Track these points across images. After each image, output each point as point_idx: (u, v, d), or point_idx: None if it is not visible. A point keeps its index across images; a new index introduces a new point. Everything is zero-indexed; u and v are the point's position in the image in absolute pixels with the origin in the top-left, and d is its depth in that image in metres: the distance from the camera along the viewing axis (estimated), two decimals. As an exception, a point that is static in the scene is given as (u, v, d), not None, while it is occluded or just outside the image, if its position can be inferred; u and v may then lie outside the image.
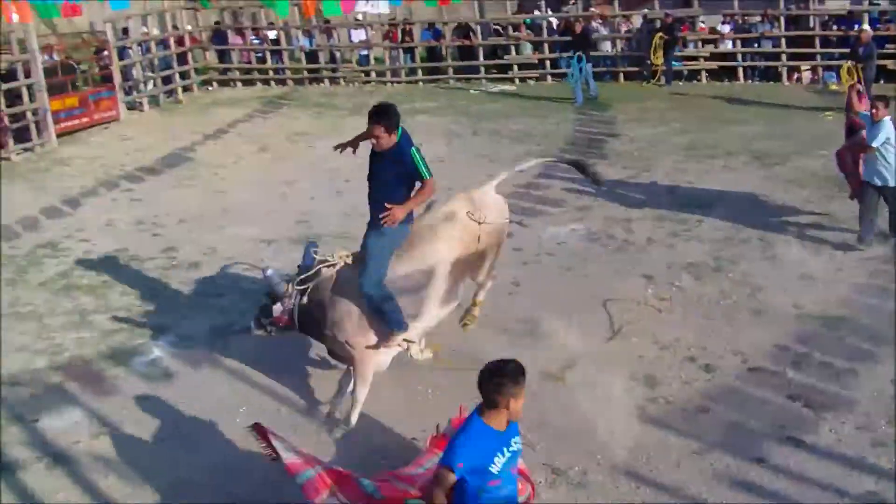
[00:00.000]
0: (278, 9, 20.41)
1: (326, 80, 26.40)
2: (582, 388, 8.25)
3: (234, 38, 27.30)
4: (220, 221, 14.02)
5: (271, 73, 27.01)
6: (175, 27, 26.13)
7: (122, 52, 23.69)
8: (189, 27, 26.59)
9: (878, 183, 11.21)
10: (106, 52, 23.32)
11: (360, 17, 25.82)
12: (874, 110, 11.13)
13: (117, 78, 22.95)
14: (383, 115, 7.72)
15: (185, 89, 25.85)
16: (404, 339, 7.89)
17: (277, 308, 7.85)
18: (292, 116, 22.18)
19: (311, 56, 26.78)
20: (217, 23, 27.75)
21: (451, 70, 25.77)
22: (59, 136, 20.49)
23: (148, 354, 9.64)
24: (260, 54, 27.24)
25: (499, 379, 4.82)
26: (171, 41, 25.69)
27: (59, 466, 7.55)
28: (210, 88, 27.04)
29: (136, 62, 24.16)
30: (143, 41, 24.82)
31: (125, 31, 24.84)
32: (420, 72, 26.00)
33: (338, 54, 26.70)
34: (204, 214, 14.44)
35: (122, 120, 22.67)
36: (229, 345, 9.67)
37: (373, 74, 26.38)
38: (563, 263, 11.46)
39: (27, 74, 19.97)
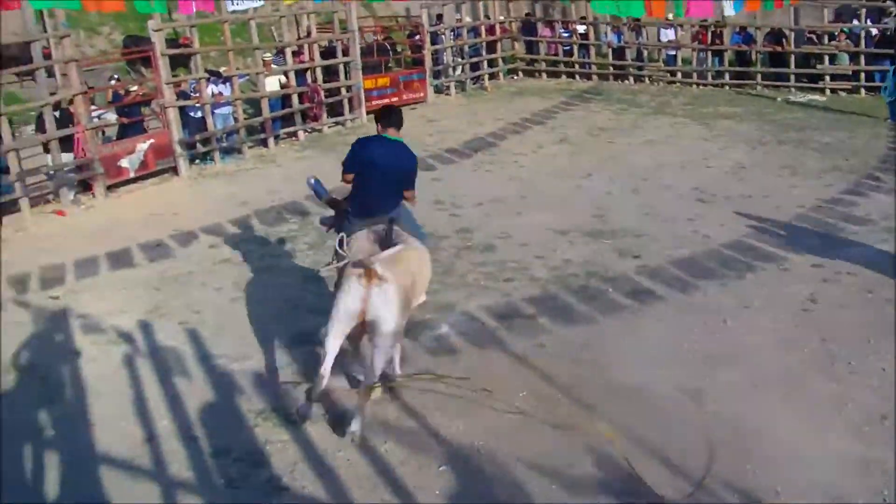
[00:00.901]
0: (633, 9, 19.90)
1: (631, 78, 26.13)
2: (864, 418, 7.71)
3: (543, 30, 27.48)
4: (517, 207, 14.13)
5: (577, 66, 27.01)
6: (487, 16, 26.60)
7: (435, 38, 24.31)
8: (501, 17, 27.00)
9: None
10: (419, 37, 24.02)
11: (671, 16, 25.28)
12: None
13: (428, 62, 23.63)
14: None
15: (491, 77, 26.34)
16: None
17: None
18: (594, 111, 22.10)
19: (618, 52, 26.57)
20: (528, 14, 28.01)
21: (759, 76, 24.84)
22: (368, 112, 21.32)
23: (436, 330, 9.79)
24: (567, 47, 27.27)
25: None
26: (483, 29, 26.20)
27: (343, 426, 7.79)
28: (515, 78, 27.41)
29: (447, 48, 24.77)
30: (455, 28, 25.38)
31: (440, 17, 25.49)
32: (727, 76, 25.22)
33: (645, 52, 26.37)
34: (501, 199, 14.59)
35: (428, 102, 23.37)
36: (514, 328, 9.71)
37: (678, 75, 25.85)
38: (865, 285, 10.73)
39: (345, 52, 20.88)
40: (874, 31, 23.61)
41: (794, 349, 9.02)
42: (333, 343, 7.84)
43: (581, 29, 27.07)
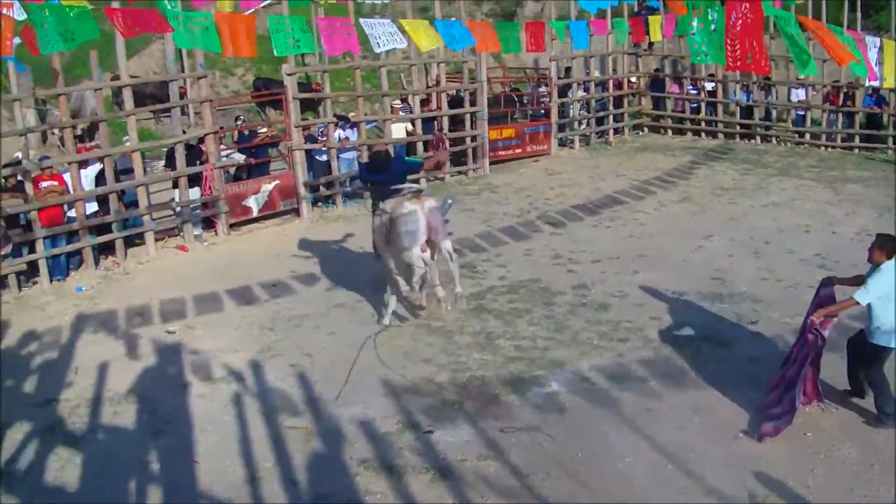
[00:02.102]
0: (809, 67, 18.73)
1: (758, 137, 25.61)
2: None
3: (671, 86, 27.21)
4: (635, 266, 13.92)
5: (703, 124, 26.62)
6: (615, 71, 26.47)
7: (563, 91, 24.28)
8: (629, 72, 26.84)
9: None
10: (547, 89, 24.01)
11: (802, 76, 24.64)
12: None
13: (554, 115, 23.58)
14: None
15: (616, 132, 26.13)
16: None
17: None
18: (719, 170, 21.69)
19: (746, 111, 26.09)
20: (657, 70, 27.78)
21: (890, 140, 24.00)
22: (491, 163, 21.37)
23: (545, 386, 9.70)
24: (694, 104, 26.91)
25: None
26: (610, 84, 26.06)
27: (444, 480, 7.75)
28: (640, 133, 27.13)
29: (574, 101, 24.69)
30: (583, 81, 25.30)
31: (568, 70, 25.47)
32: (857, 138, 24.47)
33: (774, 112, 25.78)
34: (619, 256, 14.42)
35: (552, 155, 23.29)
36: (625, 390, 9.55)
37: (807, 136, 25.19)
38: None
39: (472, 103, 20.99)
40: None
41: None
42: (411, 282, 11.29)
43: (709, 86, 26.65)
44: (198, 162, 15.83)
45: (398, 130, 19.80)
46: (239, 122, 19.35)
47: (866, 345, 8.73)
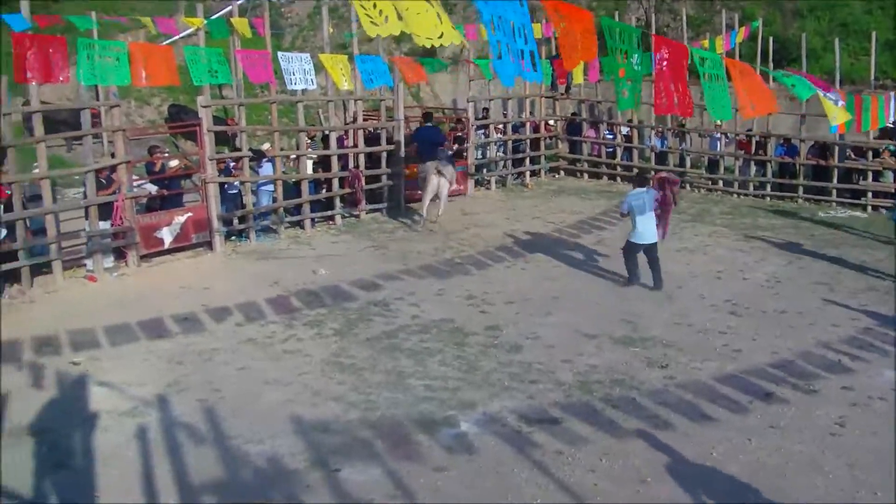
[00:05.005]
0: (724, 113, 17.16)
1: (672, 183, 25.88)
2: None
3: (588, 131, 27.51)
4: (548, 308, 13.98)
5: (619, 168, 26.95)
6: (532, 114, 26.70)
7: (480, 132, 24.41)
8: (546, 115, 27.06)
9: None
10: (464, 130, 24.10)
11: (719, 122, 24.94)
12: None
13: (471, 156, 23.67)
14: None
15: (533, 174, 26.30)
16: None
17: None
18: (633, 215, 21.92)
19: (660, 157, 26.44)
20: (574, 114, 28.07)
21: (801, 189, 24.48)
22: (407, 202, 21.28)
23: (455, 427, 9.65)
24: (610, 149, 27.24)
25: None
26: (528, 126, 26.26)
27: (351, 520, 7.64)
28: (556, 176, 27.36)
29: (491, 143, 24.85)
30: (501, 123, 25.47)
31: (486, 111, 25.62)
32: (768, 187, 24.95)
33: (688, 158, 26.14)
34: (532, 298, 14.47)
35: (468, 195, 23.33)
36: (535, 431, 9.54)
37: (720, 183, 25.63)
38: (898, 410, 10.45)
39: (389, 140, 20.97)
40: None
41: (819, 474, 8.79)
42: (426, 198, 18.91)
43: (625, 131, 27.02)
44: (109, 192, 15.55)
45: (310, 166, 19.69)
46: (166, 153, 18.98)
47: (626, 242, 15.38)
